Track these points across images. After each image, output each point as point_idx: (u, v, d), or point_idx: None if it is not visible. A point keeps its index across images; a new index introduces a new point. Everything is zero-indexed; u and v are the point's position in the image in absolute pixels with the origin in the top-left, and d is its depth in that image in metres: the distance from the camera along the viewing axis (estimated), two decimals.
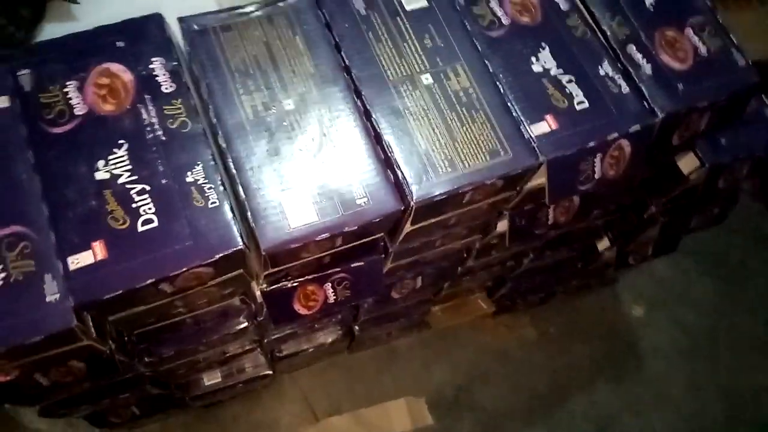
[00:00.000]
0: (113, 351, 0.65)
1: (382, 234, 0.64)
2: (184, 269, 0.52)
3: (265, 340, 0.91)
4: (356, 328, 1.07)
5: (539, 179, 0.66)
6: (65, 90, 0.56)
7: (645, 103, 0.66)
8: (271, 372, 1.05)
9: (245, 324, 0.78)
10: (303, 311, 0.70)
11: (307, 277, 0.66)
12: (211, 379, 1.01)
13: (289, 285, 0.66)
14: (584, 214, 0.82)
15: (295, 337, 0.98)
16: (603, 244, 1.09)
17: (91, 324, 0.56)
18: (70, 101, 0.56)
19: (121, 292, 0.51)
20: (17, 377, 0.58)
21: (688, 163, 0.84)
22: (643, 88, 0.67)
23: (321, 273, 0.67)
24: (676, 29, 0.70)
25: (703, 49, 0.70)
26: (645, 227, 0.97)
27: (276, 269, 0.61)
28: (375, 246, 0.67)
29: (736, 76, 0.69)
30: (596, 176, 0.67)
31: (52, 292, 0.50)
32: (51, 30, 0.65)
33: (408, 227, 0.63)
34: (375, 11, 0.66)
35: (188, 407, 1.12)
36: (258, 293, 0.67)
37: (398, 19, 0.66)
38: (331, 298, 0.70)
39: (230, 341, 0.81)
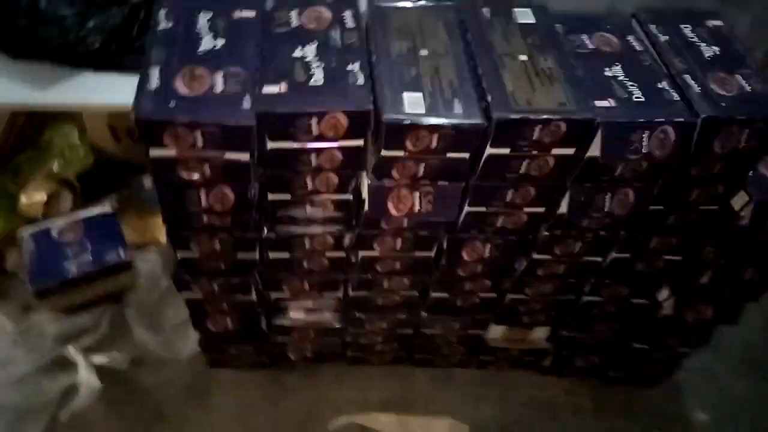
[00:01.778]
0: (258, 203, 0.90)
1: (467, 157, 0.86)
2: (330, 110, 0.77)
3: (350, 277, 1.10)
4: (423, 313, 1.22)
5: (597, 150, 0.86)
6: (289, 14, 0.89)
7: (692, 108, 0.85)
8: (339, 326, 1.22)
9: (347, 232, 0.99)
10: (393, 211, 0.91)
11: (403, 180, 0.88)
12: (297, 313, 1.20)
13: (388, 183, 0.88)
14: (639, 212, 0.96)
15: (370, 294, 1.15)
16: (663, 295, 1.18)
17: (255, 152, 0.82)
18: (290, 19, 0.88)
19: (287, 111, 0.77)
20: (197, 179, 0.84)
21: (739, 200, 0.98)
22: (691, 99, 0.87)
23: (413, 182, 0.89)
24: (728, 73, 0.91)
25: (747, 88, 0.89)
26: (701, 270, 1.07)
27: (387, 154, 0.84)
28: (459, 172, 0.88)
29: None
30: (644, 150, 0.85)
31: (247, 104, 0.78)
32: None
33: (488, 150, 0.84)
34: (496, 18, 0.94)
35: (266, 350, 1.30)
36: (366, 186, 0.90)
37: (511, 25, 0.94)
38: (417, 207, 0.91)
39: (329, 249, 1.02)
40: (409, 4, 0.96)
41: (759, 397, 1.46)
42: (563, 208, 0.96)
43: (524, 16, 0.95)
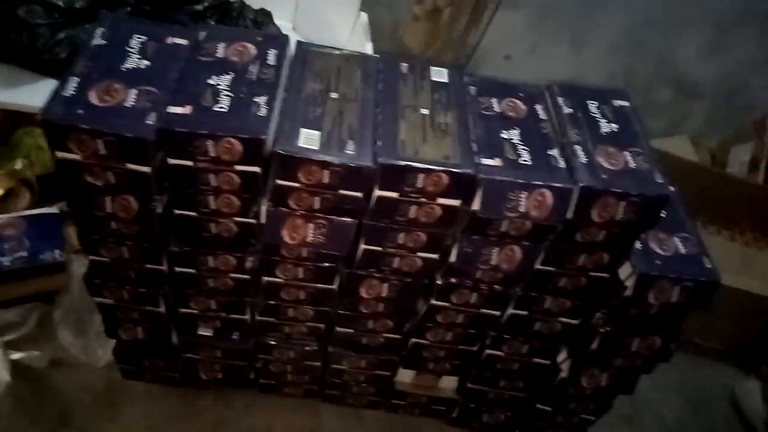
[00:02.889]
0: (157, 215, 0.95)
1: (360, 196, 0.91)
2: (226, 134, 0.83)
3: (256, 301, 1.14)
4: (330, 348, 1.25)
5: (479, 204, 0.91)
6: (217, 45, 0.96)
7: (572, 175, 0.91)
8: (246, 349, 1.24)
9: (249, 255, 1.04)
10: (287, 239, 0.96)
11: (299, 211, 0.93)
12: (206, 329, 1.23)
13: (285, 210, 0.94)
14: (527, 270, 1.01)
15: (277, 320, 1.18)
16: (561, 356, 1.20)
17: (157, 165, 0.88)
18: (216, 51, 0.96)
19: (186, 130, 0.83)
20: (102, 186, 0.89)
21: (624, 271, 1.02)
22: (574, 168, 0.92)
23: (309, 213, 0.94)
24: (617, 149, 0.96)
25: (632, 164, 0.94)
26: (591, 336, 1.09)
27: (281, 183, 0.89)
28: (353, 210, 0.94)
29: (652, 185, 0.92)
30: (521, 209, 0.90)
31: (151, 120, 0.84)
32: None
33: (377, 192, 0.90)
34: (411, 72, 1.02)
35: (177, 366, 1.32)
36: (264, 211, 0.95)
37: (424, 81, 1.01)
38: (310, 237, 0.95)
39: (232, 270, 1.06)
40: (336, 51, 1.04)
41: None
42: (454, 255, 1.00)
43: (439, 75, 1.03)
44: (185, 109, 0.85)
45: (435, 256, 1.02)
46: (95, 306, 1.43)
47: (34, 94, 1.30)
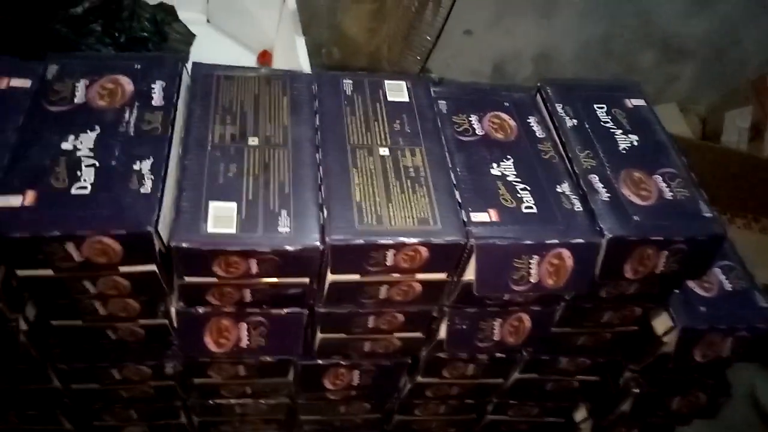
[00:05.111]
0: (24, 332, 0.67)
1: (306, 281, 0.65)
2: (90, 232, 0.55)
3: (189, 403, 0.87)
4: None
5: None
6: (75, 85, 0.67)
7: (595, 223, 0.66)
8: None
9: (167, 361, 0.77)
10: (213, 347, 0.69)
11: (223, 309, 0.67)
12: None
13: (203, 311, 0.67)
14: (538, 342, 0.77)
15: (223, 418, 0.93)
16: (580, 415, 0.99)
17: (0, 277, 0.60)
18: (75, 92, 0.66)
19: (28, 236, 0.55)
20: None
21: (661, 323, 0.79)
22: (595, 210, 0.67)
23: (238, 310, 0.67)
24: (645, 173, 0.72)
25: (668, 194, 0.70)
26: (620, 397, 0.88)
27: (191, 280, 0.62)
28: (299, 299, 0.67)
29: (699, 223, 0.68)
30: (532, 279, 0.65)
31: None
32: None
33: (330, 277, 0.64)
34: (359, 93, 0.74)
35: None
36: (174, 313, 0.68)
37: (377, 104, 0.73)
38: (244, 342, 0.69)
39: (149, 378, 0.79)
40: (251, 73, 0.75)
41: None
42: (444, 332, 0.75)
43: (396, 91, 0.76)
44: (26, 199, 0.57)
45: (418, 334, 0.77)
46: None
47: None
